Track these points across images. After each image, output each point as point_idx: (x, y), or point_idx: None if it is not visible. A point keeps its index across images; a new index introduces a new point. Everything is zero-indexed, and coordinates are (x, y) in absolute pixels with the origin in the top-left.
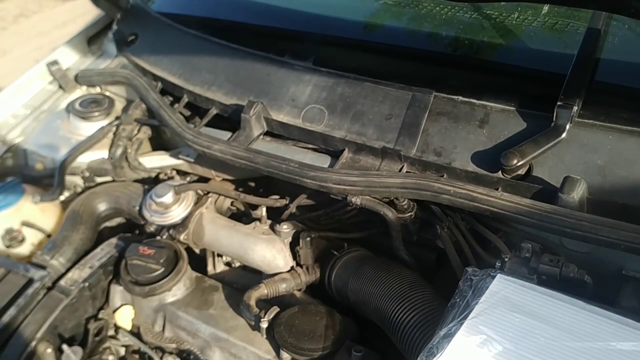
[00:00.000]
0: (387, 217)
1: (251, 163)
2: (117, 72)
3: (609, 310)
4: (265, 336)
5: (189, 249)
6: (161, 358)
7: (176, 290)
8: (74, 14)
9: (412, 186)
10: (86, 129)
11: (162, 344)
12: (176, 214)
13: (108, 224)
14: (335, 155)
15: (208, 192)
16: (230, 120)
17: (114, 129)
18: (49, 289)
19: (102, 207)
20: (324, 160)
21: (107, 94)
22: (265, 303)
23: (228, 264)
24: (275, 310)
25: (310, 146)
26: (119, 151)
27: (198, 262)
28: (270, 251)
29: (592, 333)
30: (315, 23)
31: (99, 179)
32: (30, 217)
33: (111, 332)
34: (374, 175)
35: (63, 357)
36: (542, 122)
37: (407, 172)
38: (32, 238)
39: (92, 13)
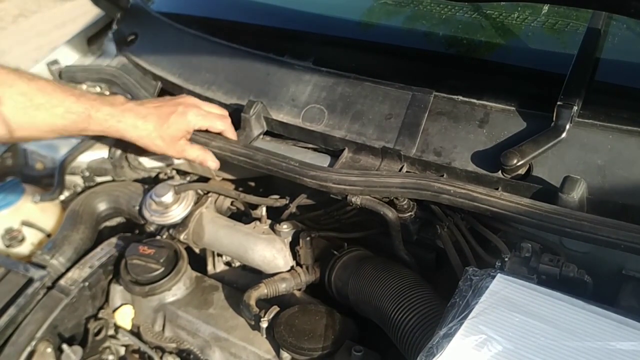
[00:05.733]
0: (387, 216)
1: (250, 160)
2: (103, 69)
3: (609, 310)
4: (265, 336)
5: (189, 249)
6: (161, 358)
7: (176, 290)
8: (74, 14)
9: (411, 186)
10: None
11: (162, 344)
12: (176, 213)
13: (108, 223)
14: (335, 154)
15: (208, 192)
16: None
17: None
18: (49, 288)
19: (102, 206)
20: (323, 160)
21: (107, 93)
22: (265, 303)
23: (228, 263)
24: (275, 310)
25: (310, 146)
26: (119, 151)
27: (198, 261)
28: (270, 251)
29: (592, 333)
30: (315, 23)
31: (99, 179)
32: (30, 217)
33: (111, 332)
34: (374, 175)
35: (63, 356)
36: (542, 122)
37: (407, 171)
38: (32, 238)
39: (92, 13)
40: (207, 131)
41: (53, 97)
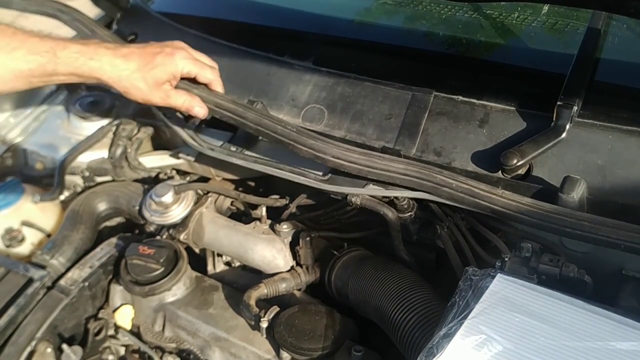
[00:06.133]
0: (387, 216)
1: (238, 117)
2: (46, 2)
3: (609, 310)
4: (265, 336)
5: (189, 249)
6: (161, 358)
7: (176, 290)
8: None
9: (414, 174)
10: (86, 128)
11: (161, 344)
12: (176, 213)
13: (108, 223)
14: None
15: (208, 192)
16: None
17: (114, 128)
18: (49, 288)
19: (102, 206)
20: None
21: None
22: (265, 303)
23: (228, 263)
24: (275, 310)
25: None
26: (119, 151)
27: (198, 261)
28: (270, 251)
29: (592, 333)
30: (315, 23)
31: (99, 179)
32: (30, 217)
33: (111, 332)
34: (376, 156)
35: (63, 356)
36: (542, 122)
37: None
38: (32, 238)
39: (91, 13)
40: (194, 80)
41: (14, 39)
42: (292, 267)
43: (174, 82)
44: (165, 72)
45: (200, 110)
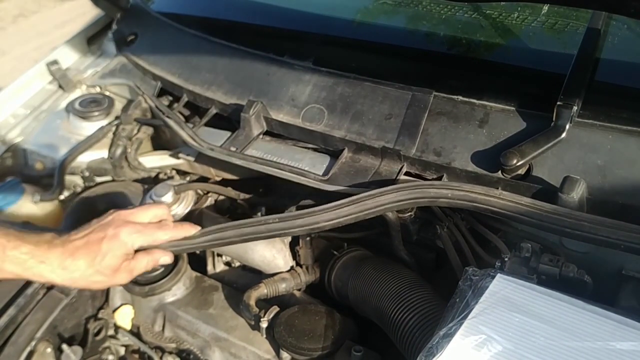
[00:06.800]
0: (387, 217)
1: (218, 241)
2: None
3: (609, 310)
4: (265, 336)
5: None
6: (161, 358)
7: (176, 290)
8: (74, 14)
9: (406, 197)
10: (86, 128)
11: (161, 344)
12: (176, 213)
13: None
14: (335, 155)
15: (208, 192)
16: (229, 119)
17: (113, 128)
18: (49, 288)
19: (102, 206)
20: (323, 160)
21: (107, 93)
22: (265, 303)
23: (228, 263)
24: (275, 310)
25: (310, 146)
26: (119, 151)
27: (198, 261)
28: (270, 251)
29: (592, 333)
30: (315, 23)
31: (98, 179)
32: (30, 217)
33: (111, 332)
34: (366, 198)
35: (63, 356)
36: (542, 122)
37: (406, 172)
38: None
39: (91, 13)
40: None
41: None
42: (292, 267)
43: (130, 256)
44: (116, 257)
45: (166, 259)
